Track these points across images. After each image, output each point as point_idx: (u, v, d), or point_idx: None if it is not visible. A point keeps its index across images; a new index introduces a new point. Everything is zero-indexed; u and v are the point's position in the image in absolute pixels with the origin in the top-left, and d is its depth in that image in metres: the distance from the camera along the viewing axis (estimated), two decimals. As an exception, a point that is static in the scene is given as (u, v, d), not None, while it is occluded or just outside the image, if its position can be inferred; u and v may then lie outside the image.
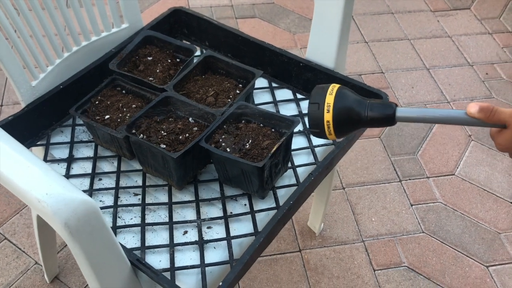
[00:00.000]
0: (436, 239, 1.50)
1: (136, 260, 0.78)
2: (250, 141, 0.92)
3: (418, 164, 1.69)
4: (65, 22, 1.08)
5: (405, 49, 2.09)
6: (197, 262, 0.84)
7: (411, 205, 1.58)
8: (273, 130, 0.95)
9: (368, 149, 1.72)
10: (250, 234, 0.87)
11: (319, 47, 1.08)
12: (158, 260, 0.85)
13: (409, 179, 1.64)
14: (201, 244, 0.86)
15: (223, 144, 0.91)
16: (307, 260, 1.44)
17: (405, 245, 1.48)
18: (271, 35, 2.13)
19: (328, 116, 0.67)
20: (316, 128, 0.69)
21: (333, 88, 0.68)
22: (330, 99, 0.67)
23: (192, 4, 2.26)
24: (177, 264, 0.84)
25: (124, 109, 0.99)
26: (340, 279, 1.41)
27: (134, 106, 1.00)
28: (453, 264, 1.45)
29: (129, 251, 0.80)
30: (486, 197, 1.60)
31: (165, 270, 0.82)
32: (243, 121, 0.97)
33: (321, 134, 0.69)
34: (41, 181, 0.61)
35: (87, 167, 1.01)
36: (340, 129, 0.68)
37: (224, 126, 0.94)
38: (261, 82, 1.17)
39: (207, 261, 0.84)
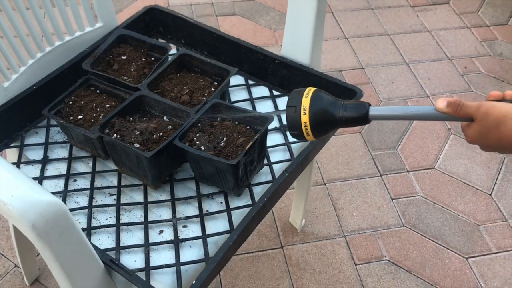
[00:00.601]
0: (417, 232, 1.51)
1: (109, 260, 0.78)
2: (224, 138, 0.92)
3: (398, 158, 1.70)
4: (38, 22, 1.07)
5: (385, 44, 2.11)
6: (173, 261, 0.84)
7: (392, 199, 1.59)
8: (248, 127, 0.95)
9: (349, 145, 1.73)
10: (226, 232, 0.87)
11: (294, 44, 1.08)
12: (133, 260, 0.84)
13: (390, 174, 1.66)
14: (176, 243, 0.86)
15: (198, 142, 0.91)
16: (289, 256, 1.45)
17: (386, 239, 1.49)
18: (251, 32, 2.13)
19: (304, 118, 0.70)
20: (294, 130, 0.72)
21: (309, 91, 0.72)
22: (306, 101, 0.70)
23: (172, 2, 2.25)
24: (152, 264, 0.84)
25: (98, 109, 0.99)
26: (322, 274, 1.41)
27: (108, 105, 0.99)
28: (433, 256, 1.46)
29: (102, 252, 0.79)
30: (465, 189, 1.62)
31: (140, 270, 0.82)
32: (217, 119, 0.97)
33: (300, 136, 0.73)
34: (7, 183, 0.60)
35: (62, 168, 1.00)
36: (317, 130, 0.71)
37: (199, 124, 0.94)
38: (237, 79, 1.17)
39: (182, 259, 0.84)
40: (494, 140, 0.64)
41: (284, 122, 1.07)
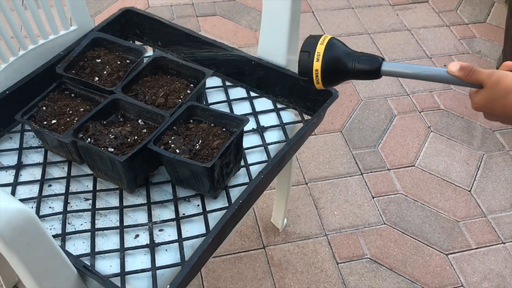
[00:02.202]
0: (398, 230, 1.52)
1: (83, 266, 0.77)
2: (200, 141, 0.91)
3: (379, 156, 1.71)
4: (10, 25, 1.05)
5: (365, 43, 2.12)
6: (149, 265, 0.83)
7: (373, 198, 1.60)
8: (223, 129, 0.94)
9: (330, 144, 1.74)
10: (202, 235, 0.87)
11: (270, 45, 1.08)
12: (108, 265, 0.84)
13: (370, 172, 1.66)
14: (152, 247, 0.86)
15: (173, 145, 0.90)
16: (271, 256, 1.45)
17: (367, 237, 1.50)
18: (232, 33, 2.12)
19: (317, 65, 0.70)
20: (305, 76, 0.72)
21: (325, 38, 0.71)
22: (320, 48, 0.70)
23: (152, 3, 2.24)
24: (128, 269, 0.83)
25: (72, 113, 0.98)
26: (304, 273, 1.42)
27: (82, 109, 0.98)
28: (414, 253, 1.47)
29: (75, 258, 0.79)
30: (445, 186, 1.64)
31: (115, 275, 0.81)
32: (193, 122, 0.96)
33: (309, 82, 0.72)
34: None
35: (36, 173, 0.99)
36: (327, 78, 0.71)
37: (174, 127, 0.94)
38: (214, 81, 1.17)
39: (158, 264, 0.84)
40: (500, 109, 0.65)
41: (261, 123, 1.07)
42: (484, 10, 2.32)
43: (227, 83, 1.16)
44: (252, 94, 1.14)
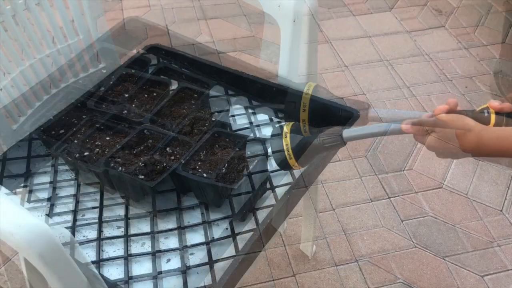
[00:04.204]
0: (429, 253, 1.50)
1: (118, 289, 0.79)
2: (226, 165, 0.94)
3: (406, 179, 1.70)
4: (45, 70, 1.11)
5: (384, 70, 2.14)
6: (181, 288, 0.85)
7: (402, 221, 1.58)
8: (248, 153, 0.97)
9: (355, 169, 1.74)
10: (232, 257, 0.88)
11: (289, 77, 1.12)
12: (142, 290, 0.85)
13: (398, 196, 1.65)
14: (183, 271, 0.87)
15: (200, 170, 0.93)
16: (301, 284, 1.44)
17: (399, 261, 1.48)
18: (232, 36, 2.15)
19: (292, 162, 0.82)
20: (286, 169, 0.87)
21: (286, 132, 0.82)
22: (286, 141, 0.82)
23: (153, 3, 2.31)
24: (161, 292, 0.84)
25: (102, 144, 1.02)
26: (336, 300, 1.40)
27: (112, 141, 1.02)
28: (448, 276, 1.44)
29: (113, 284, 0.81)
30: (475, 207, 1.61)
31: (149, 299, 0.83)
32: (218, 147, 0.99)
33: (291, 169, 0.86)
34: (12, 215, 0.62)
35: (70, 204, 1.02)
36: (302, 161, 0.83)
37: (201, 153, 0.97)
38: (240, 104, 1.20)
39: (190, 286, 0.85)
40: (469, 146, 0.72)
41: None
42: (502, 31, 2.33)
43: (254, 103, 1.19)
44: (275, 119, 1.17)
